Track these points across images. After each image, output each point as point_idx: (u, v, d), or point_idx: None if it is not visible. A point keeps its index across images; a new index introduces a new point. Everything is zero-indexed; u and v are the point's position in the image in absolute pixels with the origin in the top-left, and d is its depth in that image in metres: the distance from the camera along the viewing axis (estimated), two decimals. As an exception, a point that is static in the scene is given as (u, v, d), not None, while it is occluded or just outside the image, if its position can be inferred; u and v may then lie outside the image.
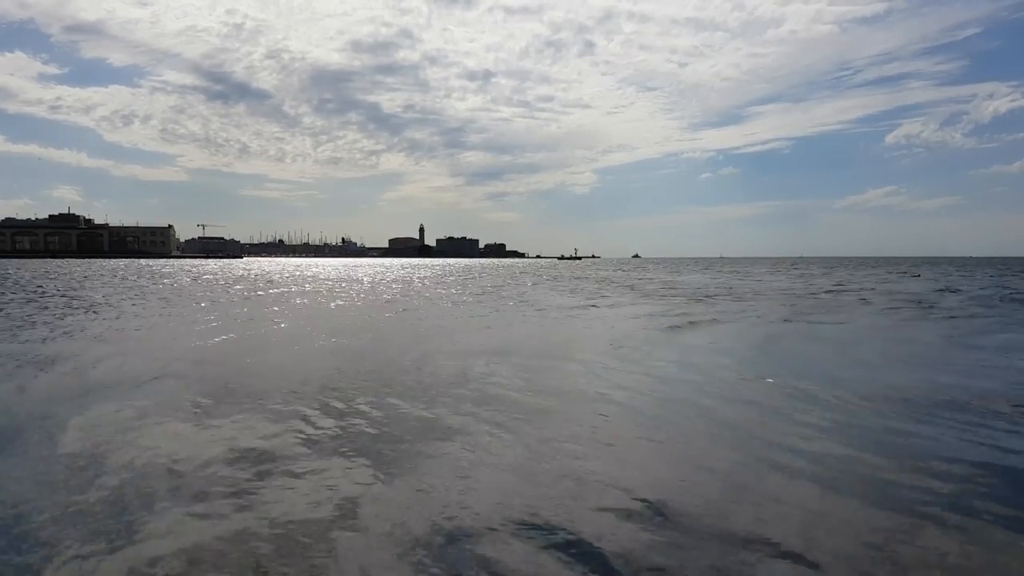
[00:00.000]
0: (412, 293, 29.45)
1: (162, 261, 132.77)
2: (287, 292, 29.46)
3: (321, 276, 52.84)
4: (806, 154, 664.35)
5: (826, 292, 29.96)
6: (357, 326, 15.53)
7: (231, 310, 19.42)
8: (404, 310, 20.19)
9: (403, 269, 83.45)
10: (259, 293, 28.53)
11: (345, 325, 15.76)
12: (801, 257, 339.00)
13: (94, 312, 18.25)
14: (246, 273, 58.87)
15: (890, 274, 55.79)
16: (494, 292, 30.14)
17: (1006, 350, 11.65)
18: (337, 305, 22.18)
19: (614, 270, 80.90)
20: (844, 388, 7.98)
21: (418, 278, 49.22)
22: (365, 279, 46.87)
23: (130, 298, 24.14)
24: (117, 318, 16.78)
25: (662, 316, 18.07)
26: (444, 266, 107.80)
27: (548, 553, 3.65)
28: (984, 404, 7.17)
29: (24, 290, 28.44)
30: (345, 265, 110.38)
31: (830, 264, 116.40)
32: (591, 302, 23.58)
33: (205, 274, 55.27)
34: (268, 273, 59.23)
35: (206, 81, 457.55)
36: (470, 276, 54.47)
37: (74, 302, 21.73)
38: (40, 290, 28.55)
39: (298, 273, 61.05)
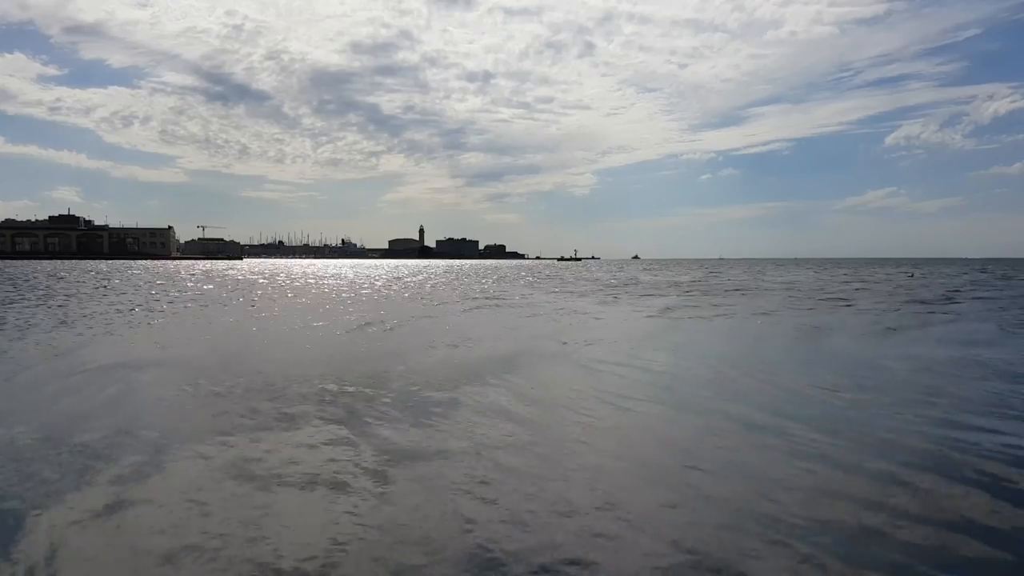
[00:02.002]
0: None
1: (166, 262, 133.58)
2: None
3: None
4: (806, 155, 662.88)
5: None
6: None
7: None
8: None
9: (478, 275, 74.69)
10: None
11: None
12: (797, 258, 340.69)
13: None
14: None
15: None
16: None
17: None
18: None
19: (642, 270, 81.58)
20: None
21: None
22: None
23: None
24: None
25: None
26: (469, 267, 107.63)
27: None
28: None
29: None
30: (408, 268, 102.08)
31: (819, 265, 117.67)
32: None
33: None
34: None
35: (206, 82, 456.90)
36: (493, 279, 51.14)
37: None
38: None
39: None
